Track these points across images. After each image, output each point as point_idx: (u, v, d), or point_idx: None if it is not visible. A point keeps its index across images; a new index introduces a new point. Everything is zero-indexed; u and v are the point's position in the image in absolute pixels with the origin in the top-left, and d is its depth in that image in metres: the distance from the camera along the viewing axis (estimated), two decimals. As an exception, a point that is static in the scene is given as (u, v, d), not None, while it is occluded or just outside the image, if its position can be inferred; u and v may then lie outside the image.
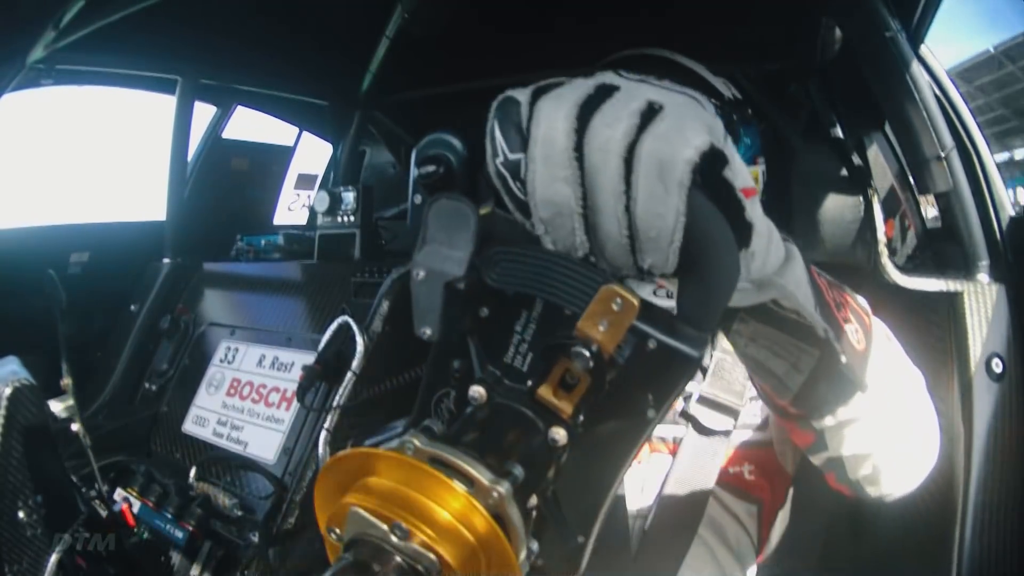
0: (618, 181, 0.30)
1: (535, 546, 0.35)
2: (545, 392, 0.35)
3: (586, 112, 0.30)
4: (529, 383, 0.36)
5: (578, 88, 0.32)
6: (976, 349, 0.80)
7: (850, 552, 0.93)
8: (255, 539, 1.09)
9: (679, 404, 0.84)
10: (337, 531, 0.32)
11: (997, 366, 0.79)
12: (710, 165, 0.32)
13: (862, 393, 0.45)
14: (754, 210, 0.33)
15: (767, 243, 0.35)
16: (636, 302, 0.32)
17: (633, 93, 0.31)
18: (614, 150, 0.29)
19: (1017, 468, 0.78)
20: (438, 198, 0.37)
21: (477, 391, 0.37)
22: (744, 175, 0.33)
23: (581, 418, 0.35)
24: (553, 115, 0.31)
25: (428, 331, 0.38)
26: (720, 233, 0.33)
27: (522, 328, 0.36)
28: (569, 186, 0.31)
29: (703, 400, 0.83)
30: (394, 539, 0.30)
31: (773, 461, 0.86)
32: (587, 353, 0.32)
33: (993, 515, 0.77)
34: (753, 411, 0.84)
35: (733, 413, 0.82)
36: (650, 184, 0.29)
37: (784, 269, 0.37)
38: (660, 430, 0.84)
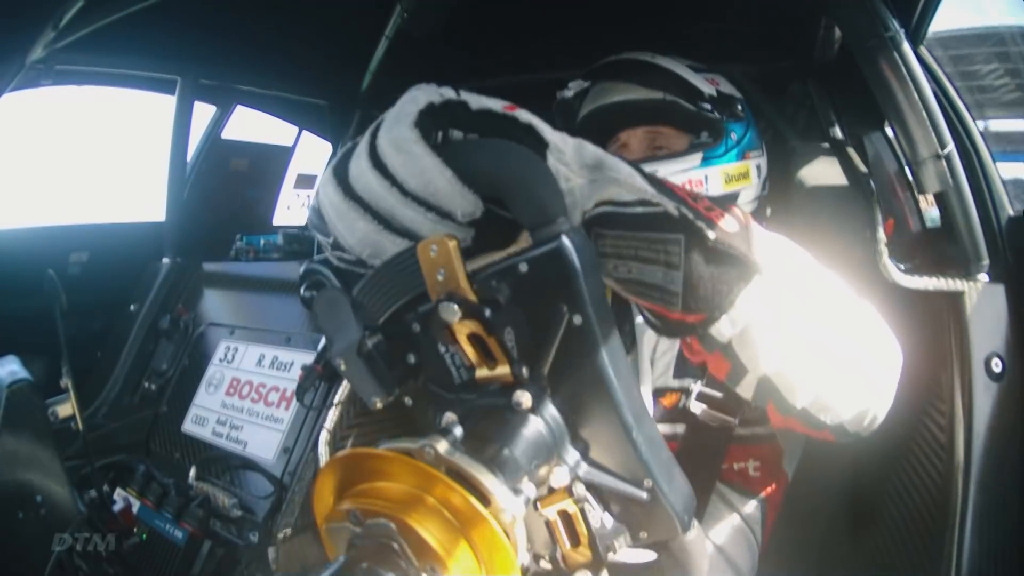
0: (381, 181, 0.36)
1: (531, 490, 0.36)
2: (481, 373, 0.37)
3: (341, 170, 0.39)
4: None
5: (332, 162, 0.40)
6: (976, 349, 0.80)
7: (850, 552, 0.93)
8: (255, 539, 1.09)
9: (681, 400, 0.84)
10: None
11: (997, 366, 0.79)
12: (451, 115, 0.38)
13: (760, 276, 0.41)
14: (526, 115, 0.39)
15: (569, 139, 0.39)
16: (447, 239, 0.35)
17: (365, 136, 0.39)
18: (364, 166, 0.37)
19: (1017, 468, 0.78)
20: (314, 306, 0.42)
21: (447, 417, 0.39)
22: (495, 103, 0.39)
23: (526, 371, 0.36)
24: (325, 191, 0.39)
25: (376, 399, 0.40)
26: (495, 147, 0.37)
27: (445, 348, 0.38)
28: (363, 219, 0.37)
29: (702, 397, 0.82)
30: (350, 526, 0.31)
31: (778, 455, 0.86)
32: (452, 304, 0.35)
33: (993, 515, 0.77)
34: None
35: (734, 409, 0.82)
36: (398, 160, 0.36)
37: (611, 161, 0.39)
38: (659, 428, 0.83)
